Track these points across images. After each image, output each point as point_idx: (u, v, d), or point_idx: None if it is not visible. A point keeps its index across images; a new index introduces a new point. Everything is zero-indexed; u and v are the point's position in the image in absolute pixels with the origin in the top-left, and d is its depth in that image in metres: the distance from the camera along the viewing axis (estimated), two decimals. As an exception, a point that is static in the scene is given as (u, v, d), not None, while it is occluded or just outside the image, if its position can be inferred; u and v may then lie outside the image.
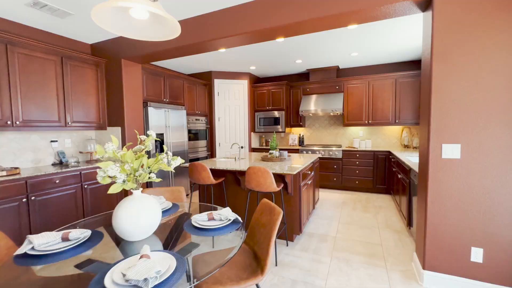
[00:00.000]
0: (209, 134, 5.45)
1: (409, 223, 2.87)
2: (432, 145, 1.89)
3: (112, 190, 1.23)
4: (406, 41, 3.72)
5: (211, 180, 2.65)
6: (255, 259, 1.56)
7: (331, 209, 3.85)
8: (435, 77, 1.85)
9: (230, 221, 1.51)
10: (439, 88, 1.84)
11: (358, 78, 4.89)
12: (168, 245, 1.29)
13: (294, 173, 2.40)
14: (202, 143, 5.22)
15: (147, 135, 1.35)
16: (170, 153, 1.34)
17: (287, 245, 2.68)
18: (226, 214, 1.51)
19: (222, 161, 3.25)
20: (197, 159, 5.10)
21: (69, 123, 3.08)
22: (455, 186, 1.85)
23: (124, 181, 1.26)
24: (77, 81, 3.18)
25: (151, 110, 3.83)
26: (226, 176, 3.09)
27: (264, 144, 6.08)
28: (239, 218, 1.53)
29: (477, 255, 1.82)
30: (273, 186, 2.32)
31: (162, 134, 4.03)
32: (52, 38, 3.18)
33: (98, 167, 3.05)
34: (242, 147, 5.63)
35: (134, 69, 3.53)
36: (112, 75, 3.44)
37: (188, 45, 2.83)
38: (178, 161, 1.32)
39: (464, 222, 1.84)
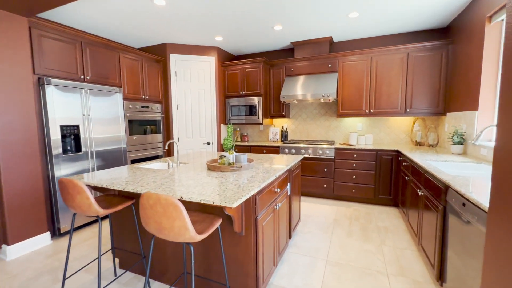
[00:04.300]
0: (165, 127, 4.23)
1: (441, 276, 1.75)
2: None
3: None
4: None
5: (95, 209, 1.46)
6: None
7: (318, 233, 2.72)
8: None
9: None
10: None
11: (357, 52, 3.69)
12: None
13: (234, 206, 1.22)
14: (156, 138, 4.00)
15: None
16: None
17: (233, 324, 1.54)
18: None
19: (144, 169, 2.04)
20: (155, 157, 3.90)
21: None
22: None
23: None
24: None
25: (52, 91, 2.58)
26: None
27: (239, 139, 4.88)
28: None
29: None
30: (187, 234, 1.15)
31: (77, 126, 2.81)
32: None
33: None
34: (209, 143, 4.43)
35: (12, 25, 2.26)
36: (-25, 32, 2.19)
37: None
38: None
39: None
